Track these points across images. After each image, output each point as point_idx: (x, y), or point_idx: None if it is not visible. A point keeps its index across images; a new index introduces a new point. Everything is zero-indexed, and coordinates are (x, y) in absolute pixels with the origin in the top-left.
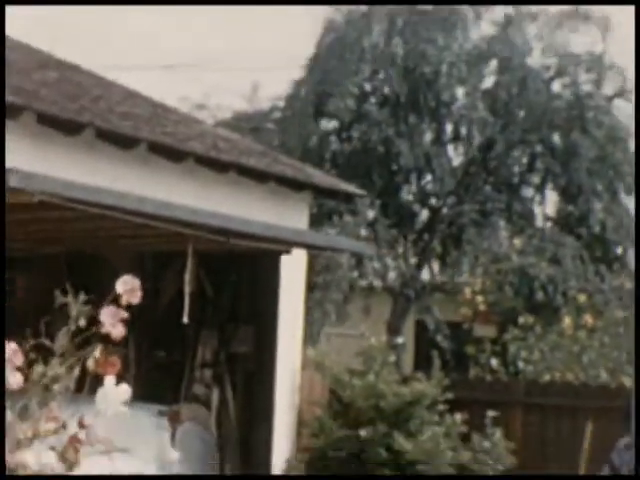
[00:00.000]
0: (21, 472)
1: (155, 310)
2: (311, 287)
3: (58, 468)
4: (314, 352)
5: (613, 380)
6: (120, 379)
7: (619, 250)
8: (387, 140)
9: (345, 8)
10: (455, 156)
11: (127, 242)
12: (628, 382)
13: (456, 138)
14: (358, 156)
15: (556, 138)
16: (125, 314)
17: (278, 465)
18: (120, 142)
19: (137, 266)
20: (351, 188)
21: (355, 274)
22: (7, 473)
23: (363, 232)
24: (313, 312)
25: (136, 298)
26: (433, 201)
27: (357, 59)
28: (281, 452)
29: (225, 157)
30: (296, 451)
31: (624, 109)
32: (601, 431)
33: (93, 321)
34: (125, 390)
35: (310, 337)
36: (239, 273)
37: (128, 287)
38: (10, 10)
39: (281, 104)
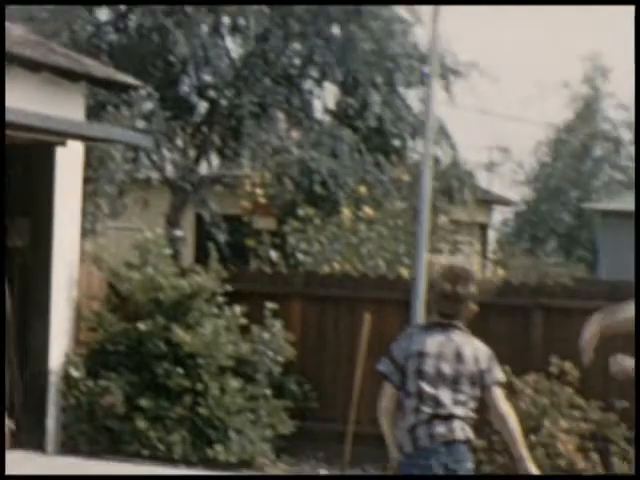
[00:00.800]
0: None
1: None
2: (86, 180)
3: None
4: (92, 246)
5: (391, 271)
6: None
7: (398, 142)
8: (163, 30)
9: None
10: (234, 48)
11: None
12: (405, 273)
13: (234, 29)
14: (134, 47)
15: (335, 30)
16: None
17: (56, 359)
18: None
19: None
20: (127, 79)
21: (131, 167)
22: None
23: (140, 124)
24: (88, 206)
25: None
26: (212, 93)
27: None
28: (59, 347)
29: None
30: (74, 346)
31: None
32: (379, 321)
33: None
34: None
35: (88, 231)
36: (12, 166)
37: None
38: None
39: None
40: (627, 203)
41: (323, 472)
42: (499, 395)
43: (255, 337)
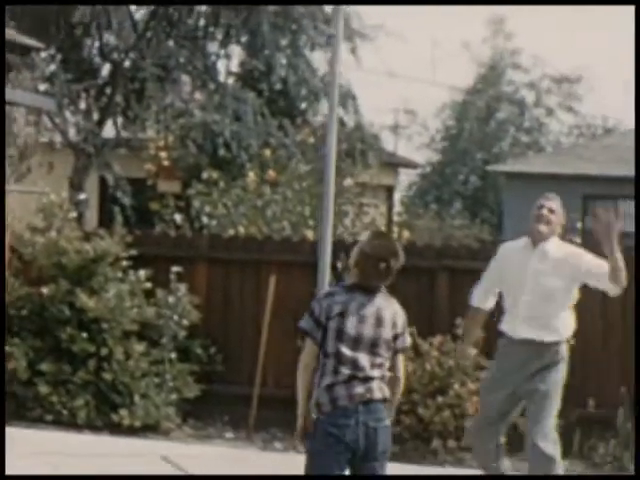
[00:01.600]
0: None
1: None
2: None
3: None
4: None
5: (296, 234)
6: None
7: (302, 105)
8: None
9: None
10: (136, 10)
11: None
12: (310, 235)
13: None
14: (36, 9)
15: None
16: None
17: None
18: None
19: None
20: (29, 40)
21: (34, 130)
22: None
23: (42, 87)
24: None
25: None
26: (115, 55)
27: None
28: None
29: None
30: None
31: None
32: (285, 284)
33: None
34: None
35: None
36: None
37: None
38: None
39: None
40: (531, 165)
41: (229, 435)
42: (401, 360)
43: (160, 301)
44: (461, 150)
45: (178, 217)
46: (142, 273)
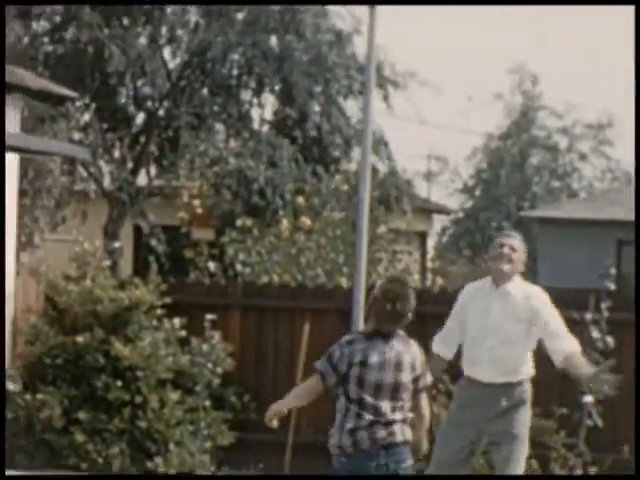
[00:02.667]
0: None
1: None
2: (22, 193)
3: None
4: (28, 258)
5: (330, 281)
6: None
7: (336, 152)
8: (98, 42)
9: None
10: (171, 59)
11: None
12: (345, 283)
13: (171, 40)
14: (70, 58)
15: (273, 41)
16: None
17: None
18: None
19: None
20: (63, 90)
21: (69, 179)
22: None
23: (77, 136)
24: (25, 219)
25: None
26: (149, 104)
27: None
28: None
29: None
30: (11, 359)
31: (340, 12)
32: (318, 331)
33: None
34: None
35: (25, 244)
36: None
37: None
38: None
39: None
40: (565, 211)
41: None
42: (425, 398)
43: (194, 349)
44: (494, 196)
45: (212, 265)
46: (176, 321)
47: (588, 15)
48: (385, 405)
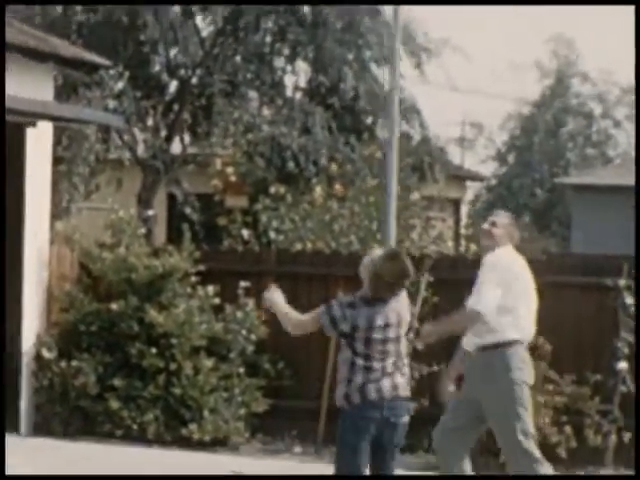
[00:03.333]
0: None
1: None
2: (57, 161)
3: None
4: (63, 226)
5: (363, 248)
6: None
7: (369, 120)
8: (132, 11)
9: None
10: (204, 27)
11: None
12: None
13: (204, 8)
14: (104, 27)
15: (305, 8)
16: None
17: (28, 341)
18: None
19: None
20: (97, 58)
21: (103, 147)
22: None
23: (111, 104)
24: (60, 186)
25: None
26: (182, 72)
27: None
28: (31, 328)
29: None
30: (46, 326)
31: None
32: None
33: None
34: None
35: (59, 211)
36: None
37: None
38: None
39: None
40: (599, 177)
41: (297, 450)
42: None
43: (228, 316)
44: (528, 163)
45: (245, 232)
46: (210, 288)
47: None
48: (389, 360)
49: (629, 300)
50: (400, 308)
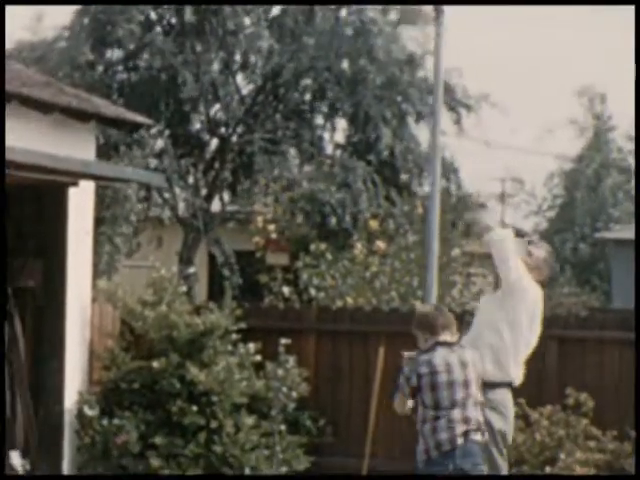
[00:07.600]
0: None
1: None
2: (99, 220)
3: None
4: (105, 284)
5: (404, 304)
6: None
7: (408, 176)
8: (172, 69)
9: None
10: (244, 85)
11: None
12: (419, 305)
13: (244, 67)
14: (144, 86)
15: (344, 65)
16: None
17: (70, 398)
18: None
19: None
20: (138, 117)
21: (144, 206)
22: None
23: (152, 163)
24: (102, 245)
25: None
26: (222, 130)
27: None
28: (73, 386)
29: (7, 87)
30: (88, 384)
31: (411, 34)
32: (393, 354)
33: None
34: None
35: (101, 270)
36: (23, 207)
37: None
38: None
39: (67, 34)
40: None
41: None
42: None
43: (269, 373)
44: (570, 218)
45: (286, 289)
46: (251, 346)
47: None
48: (459, 404)
49: None
50: (464, 352)
